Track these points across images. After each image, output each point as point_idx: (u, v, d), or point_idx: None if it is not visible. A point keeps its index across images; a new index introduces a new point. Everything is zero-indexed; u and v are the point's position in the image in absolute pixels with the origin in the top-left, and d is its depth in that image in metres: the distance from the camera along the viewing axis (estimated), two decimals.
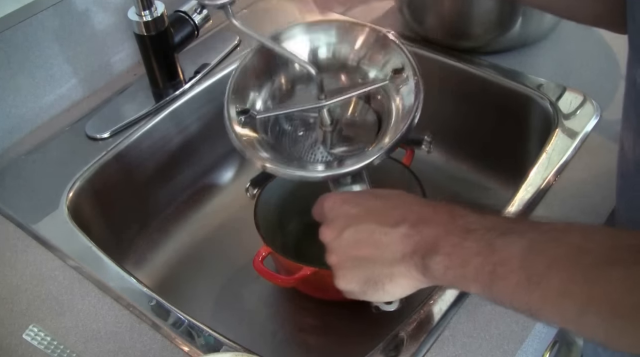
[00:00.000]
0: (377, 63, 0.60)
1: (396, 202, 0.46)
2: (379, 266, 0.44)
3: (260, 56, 0.61)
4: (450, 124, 0.88)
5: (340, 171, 0.54)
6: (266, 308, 0.76)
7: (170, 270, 0.82)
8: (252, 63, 0.61)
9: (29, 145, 0.78)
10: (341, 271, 0.46)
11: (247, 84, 0.60)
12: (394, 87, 0.58)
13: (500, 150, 0.85)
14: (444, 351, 0.53)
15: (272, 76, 0.61)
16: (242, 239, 0.78)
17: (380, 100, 0.60)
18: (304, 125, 0.63)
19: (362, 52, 0.61)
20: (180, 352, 0.55)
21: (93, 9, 0.81)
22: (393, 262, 0.43)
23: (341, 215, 0.46)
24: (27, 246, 0.66)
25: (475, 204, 0.84)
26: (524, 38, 0.83)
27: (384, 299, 0.46)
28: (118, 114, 0.81)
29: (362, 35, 0.61)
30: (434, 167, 0.88)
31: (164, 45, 0.80)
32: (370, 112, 0.62)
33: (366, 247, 0.44)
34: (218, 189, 0.91)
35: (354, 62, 0.61)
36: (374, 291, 0.45)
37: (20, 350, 0.56)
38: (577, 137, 0.71)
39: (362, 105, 0.62)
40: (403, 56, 0.58)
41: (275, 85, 0.62)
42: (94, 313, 0.59)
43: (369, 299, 0.47)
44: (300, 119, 0.63)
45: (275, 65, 0.61)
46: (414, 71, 0.57)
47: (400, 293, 0.45)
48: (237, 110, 0.58)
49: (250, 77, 0.60)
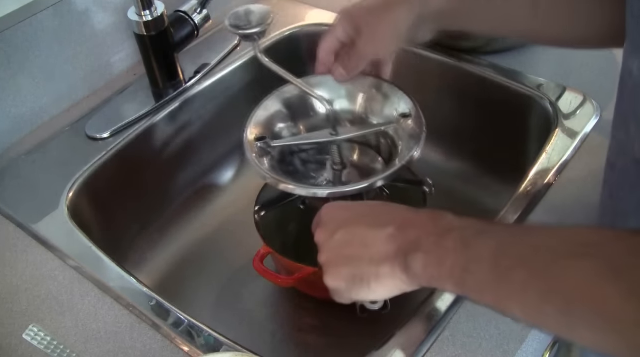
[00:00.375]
0: (385, 108, 0.65)
1: (385, 209, 0.50)
2: (365, 264, 0.46)
3: (283, 94, 0.67)
4: (450, 124, 0.88)
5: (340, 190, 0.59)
6: (266, 308, 0.76)
7: (170, 270, 0.82)
8: (275, 98, 0.66)
9: (29, 145, 0.78)
10: (330, 269, 0.48)
11: (267, 116, 0.65)
12: (400, 129, 0.63)
13: (500, 150, 0.85)
14: (444, 351, 0.53)
15: (292, 113, 0.67)
16: (242, 239, 0.78)
17: (385, 143, 0.66)
18: (316, 163, 0.69)
19: (372, 98, 0.66)
20: (180, 352, 0.55)
21: (93, 9, 0.81)
22: (379, 261, 0.45)
23: (335, 218, 0.50)
24: (27, 246, 0.66)
25: (476, 204, 0.85)
26: None
27: (369, 297, 0.48)
28: (118, 114, 0.81)
29: (373, 84, 0.66)
30: (434, 167, 0.88)
31: (164, 45, 0.80)
32: (376, 155, 0.69)
33: (355, 246, 0.47)
34: (218, 189, 0.91)
35: (364, 108, 0.67)
36: (359, 289, 0.47)
37: (20, 350, 0.56)
38: (577, 137, 0.71)
39: (369, 150, 0.69)
40: (410, 104, 0.63)
41: (293, 122, 0.67)
42: (94, 313, 0.59)
43: (355, 297, 0.49)
44: (313, 159, 0.69)
45: (296, 104, 0.67)
46: (418, 117, 0.62)
47: (384, 293, 0.47)
48: (255, 137, 0.63)
49: (271, 110, 0.66)
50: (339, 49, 0.64)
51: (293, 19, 0.95)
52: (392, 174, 0.58)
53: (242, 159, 0.94)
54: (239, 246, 0.81)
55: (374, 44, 0.61)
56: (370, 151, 0.69)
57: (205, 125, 0.87)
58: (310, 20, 0.95)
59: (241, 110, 0.91)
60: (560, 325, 0.37)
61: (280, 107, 0.66)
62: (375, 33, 0.60)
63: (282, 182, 0.59)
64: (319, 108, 0.67)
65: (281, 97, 0.66)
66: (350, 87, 0.66)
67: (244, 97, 0.91)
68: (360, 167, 0.69)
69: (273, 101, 0.66)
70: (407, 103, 0.63)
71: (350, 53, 0.63)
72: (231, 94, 0.89)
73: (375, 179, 0.58)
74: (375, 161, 0.68)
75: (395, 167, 0.58)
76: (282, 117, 0.67)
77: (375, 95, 0.66)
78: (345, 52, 0.63)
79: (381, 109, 0.66)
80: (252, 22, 0.57)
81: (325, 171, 0.68)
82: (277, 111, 0.66)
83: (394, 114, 0.64)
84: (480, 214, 0.79)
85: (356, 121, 0.67)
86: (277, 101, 0.66)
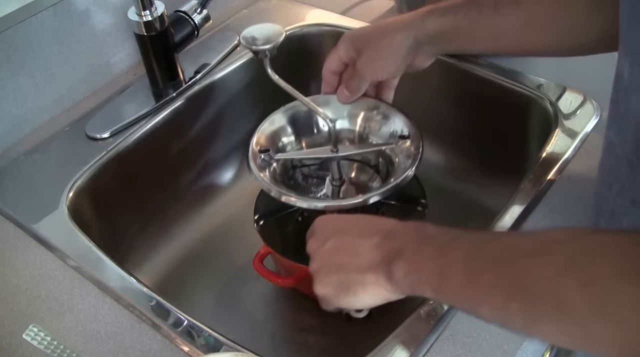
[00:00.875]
0: (384, 129, 0.68)
1: (374, 220, 0.52)
2: (352, 272, 0.48)
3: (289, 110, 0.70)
4: (450, 124, 0.88)
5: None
6: (266, 308, 0.76)
7: (170, 270, 0.82)
8: (281, 114, 0.69)
9: (29, 145, 0.78)
10: (319, 276, 0.50)
11: (273, 130, 0.69)
12: (398, 149, 0.66)
13: (500, 150, 0.85)
14: (444, 351, 0.53)
15: (296, 128, 0.70)
16: (242, 239, 0.78)
17: (384, 161, 0.69)
18: (316, 177, 0.72)
19: (373, 118, 0.69)
20: (180, 352, 0.55)
21: (93, 9, 0.81)
22: (365, 269, 0.47)
23: (327, 228, 0.52)
24: (27, 246, 0.66)
25: (476, 204, 0.85)
26: None
27: (355, 305, 0.50)
28: (118, 114, 0.81)
29: (374, 105, 0.69)
30: (434, 167, 0.88)
31: (164, 45, 0.80)
32: (374, 173, 0.71)
33: (343, 255, 0.49)
34: (218, 189, 0.91)
35: (364, 128, 0.69)
36: (345, 296, 0.49)
37: (20, 350, 0.56)
38: (577, 137, 0.71)
39: (367, 168, 0.72)
40: (409, 125, 0.66)
41: (296, 137, 0.70)
42: (94, 313, 0.59)
43: (342, 305, 0.50)
44: (314, 173, 0.72)
45: (300, 121, 0.70)
46: (417, 138, 0.64)
47: (370, 301, 0.49)
48: (259, 149, 0.66)
49: (276, 125, 0.69)
50: (341, 69, 0.67)
51: (293, 19, 0.95)
52: (386, 191, 0.61)
53: (242, 159, 0.94)
54: (239, 246, 0.81)
55: (373, 65, 0.64)
56: (368, 169, 0.72)
57: (205, 126, 0.87)
58: (310, 20, 0.95)
59: (241, 110, 0.92)
60: (525, 322, 0.39)
61: (285, 123, 0.69)
62: (374, 55, 0.63)
63: (284, 194, 0.61)
64: (322, 125, 0.70)
65: (287, 113, 0.70)
66: (352, 107, 0.69)
67: (244, 97, 0.91)
68: (358, 184, 0.71)
69: (279, 116, 0.69)
70: (406, 124, 0.66)
71: (352, 74, 0.65)
72: (231, 94, 0.89)
73: (369, 195, 0.60)
74: (373, 179, 0.72)
75: (389, 185, 0.61)
76: (286, 132, 0.70)
77: (375, 115, 0.69)
78: (348, 74, 0.66)
79: (381, 129, 0.68)
80: (264, 39, 0.60)
81: (324, 186, 0.71)
82: (282, 126, 0.69)
83: (393, 134, 0.67)
84: (480, 214, 0.80)
85: (357, 140, 0.70)
86: (282, 116, 0.69)
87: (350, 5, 0.97)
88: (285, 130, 0.69)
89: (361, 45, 0.64)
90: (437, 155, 0.90)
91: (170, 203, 0.86)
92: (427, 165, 0.67)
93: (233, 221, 0.86)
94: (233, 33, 0.93)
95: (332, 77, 0.68)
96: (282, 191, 0.61)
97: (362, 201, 0.60)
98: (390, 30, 0.63)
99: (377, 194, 0.60)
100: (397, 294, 0.47)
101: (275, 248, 0.66)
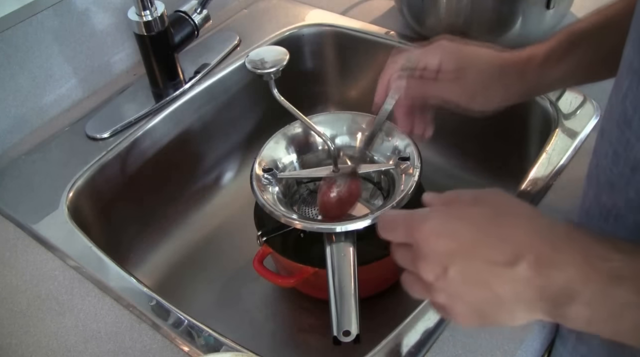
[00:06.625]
0: (386, 147, 0.69)
1: (502, 232, 0.40)
2: (496, 309, 0.40)
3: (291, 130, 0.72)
4: (450, 124, 0.88)
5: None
6: (266, 308, 0.76)
7: (170, 270, 0.82)
8: (284, 134, 0.71)
9: (29, 145, 0.78)
10: (456, 316, 0.42)
11: (276, 149, 0.70)
12: (399, 171, 0.67)
13: (500, 150, 0.85)
14: (444, 351, 0.53)
15: (298, 148, 0.72)
16: (242, 239, 0.78)
17: (385, 179, 0.70)
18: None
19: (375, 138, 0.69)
20: (180, 352, 0.55)
21: (93, 9, 0.81)
22: (514, 308, 0.39)
23: (438, 251, 0.40)
24: (27, 246, 0.66)
25: None
26: (524, 38, 0.83)
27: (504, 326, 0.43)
28: (118, 114, 0.81)
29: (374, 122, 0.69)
30: (434, 167, 0.88)
31: (164, 45, 0.80)
32: (376, 190, 0.73)
33: (478, 290, 0.39)
34: (218, 189, 0.91)
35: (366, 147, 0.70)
36: (492, 325, 0.42)
37: (20, 350, 0.56)
38: (577, 137, 0.71)
39: (369, 185, 0.73)
40: (412, 146, 0.67)
41: (298, 156, 0.72)
42: (94, 313, 0.59)
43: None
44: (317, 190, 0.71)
45: (303, 140, 0.72)
46: (418, 160, 0.65)
47: (521, 323, 0.41)
48: (263, 168, 0.68)
49: (279, 144, 0.71)
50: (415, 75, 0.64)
51: (293, 19, 0.95)
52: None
53: (242, 159, 0.94)
54: (239, 246, 0.81)
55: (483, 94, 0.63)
56: (370, 186, 0.73)
57: (205, 126, 0.87)
58: (310, 20, 0.95)
59: (241, 110, 0.92)
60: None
61: (287, 142, 0.71)
62: (486, 91, 0.63)
63: (286, 216, 0.62)
64: (323, 145, 0.71)
65: (289, 133, 0.71)
66: (352, 123, 0.71)
67: (244, 97, 0.91)
68: (360, 201, 0.71)
69: (281, 136, 0.71)
70: (407, 144, 0.67)
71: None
72: (231, 94, 0.89)
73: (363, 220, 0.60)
74: (375, 196, 0.72)
75: (386, 207, 0.62)
76: (288, 150, 0.71)
77: (377, 133, 0.69)
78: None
79: (382, 144, 0.69)
80: (269, 62, 0.63)
81: None
82: (284, 145, 0.71)
83: (395, 150, 0.68)
84: None
85: (357, 155, 0.71)
86: (285, 136, 0.71)
87: (350, 5, 0.97)
88: (287, 149, 0.71)
89: (464, 64, 0.62)
90: (438, 155, 0.90)
91: (170, 203, 0.86)
92: (427, 165, 0.67)
93: (233, 221, 0.86)
94: (233, 33, 0.93)
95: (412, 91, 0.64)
96: (285, 215, 0.62)
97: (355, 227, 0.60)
98: (504, 66, 0.62)
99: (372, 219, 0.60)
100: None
101: (275, 248, 0.66)
